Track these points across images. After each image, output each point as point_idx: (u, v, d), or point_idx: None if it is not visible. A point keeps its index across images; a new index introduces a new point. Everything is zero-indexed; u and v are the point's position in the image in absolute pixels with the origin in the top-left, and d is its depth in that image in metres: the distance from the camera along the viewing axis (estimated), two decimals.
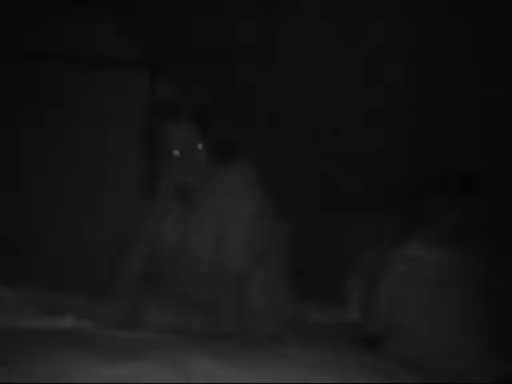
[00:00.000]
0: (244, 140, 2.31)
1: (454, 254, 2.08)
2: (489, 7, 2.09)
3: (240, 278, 2.15)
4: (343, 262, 2.39)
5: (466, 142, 2.58)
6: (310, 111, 2.87)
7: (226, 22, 2.89)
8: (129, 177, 3.88)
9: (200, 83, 3.44)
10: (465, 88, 2.42)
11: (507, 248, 2.13)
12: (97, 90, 3.73)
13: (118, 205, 3.89)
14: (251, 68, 3.03)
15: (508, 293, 1.99)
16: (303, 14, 2.50)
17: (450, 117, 2.53)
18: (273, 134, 2.61)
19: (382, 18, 2.32)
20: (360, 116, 2.73)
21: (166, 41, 3.53)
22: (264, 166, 2.35)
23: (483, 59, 2.29)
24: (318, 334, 2.11)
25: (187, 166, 2.23)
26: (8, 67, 3.53)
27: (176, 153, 2.24)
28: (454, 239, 2.18)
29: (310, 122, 2.95)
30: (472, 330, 1.90)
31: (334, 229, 2.22)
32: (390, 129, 2.72)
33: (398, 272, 2.09)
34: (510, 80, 2.28)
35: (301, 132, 2.88)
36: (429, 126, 2.60)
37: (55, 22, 3.61)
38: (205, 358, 1.34)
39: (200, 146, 2.22)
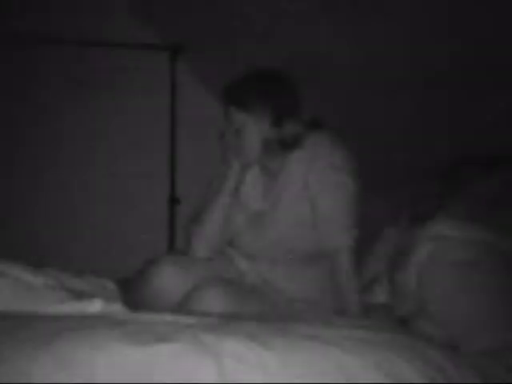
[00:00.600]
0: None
1: (484, 231, 2.05)
2: None
3: (353, 255, 2.11)
4: (366, 241, 2.35)
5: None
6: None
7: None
8: (156, 152, 3.92)
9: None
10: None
11: None
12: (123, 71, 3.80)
13: (145, 184, 3.92)
14: None
15: None
16: None
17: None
18: None
19: None
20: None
21: (185, 24, 3.53)
22: None
23: None
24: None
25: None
26: (38, 52, 3.62)
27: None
28: (483, 215, 2.15)
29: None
30: (505, 310, 1.87)
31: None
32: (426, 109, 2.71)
33: (428, 251, 2.06)
34: None
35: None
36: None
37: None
38: (235, 341, 1.32)
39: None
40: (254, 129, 2.12)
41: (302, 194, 2.14)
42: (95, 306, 1.59)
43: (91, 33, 3.82)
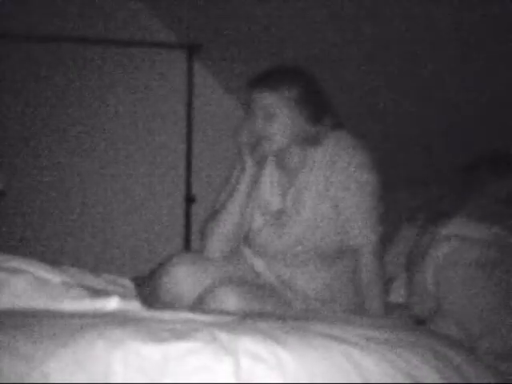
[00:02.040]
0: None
1: (502, 230, 2.03)
2: None
3: (378, 253, 2.09)
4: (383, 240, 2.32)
5: None
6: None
7: None
8: (172, 150, 3.94)
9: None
10: None
11: None
12: (141, 69, 3.83)
13: (161, 183, 3.94)
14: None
15: None
16: None
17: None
18: None
19: None
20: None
21: (202, 23, 3.54)
22: None
23: None
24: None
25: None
26: (53, 49, 3.66)
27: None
28: (501, 214, 2.13)
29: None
30: None
31: None
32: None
33: (445, 251, 2.05)
34: None
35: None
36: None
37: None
38: (252, 339, 1.32)
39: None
40: (289, 116, 2.08)
41: (324, 193, 2.11)
42: (112, 304, 1.59)
43: (109, 31, 3.84)
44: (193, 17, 3.60)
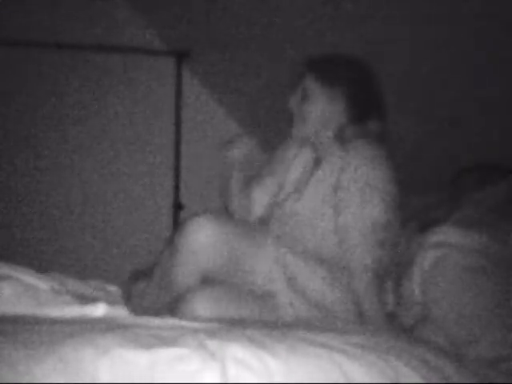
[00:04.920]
0: None
1: (490, 238, 2.04)
2: None
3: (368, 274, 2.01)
4: None
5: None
6: None
7: None
8: (160, 157, 3.94)
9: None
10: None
11: None
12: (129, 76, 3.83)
13: (149, 190, 3.93)
14: None
15: None
16: None
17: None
18: None
19: None
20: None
21: (190, 30, 3.54)
22: None
23: None
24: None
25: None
26: (44, 55, 3.65)
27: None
28: (488, 222, 2.14)
29: None
30: (508, 318, 1.87)
31: None
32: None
33: (432, 259, 2.05)
34: None
35: None
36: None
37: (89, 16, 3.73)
38: (240, 346, 1.32)
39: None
40: (322, 101, 2.08)
41: (331, 199, 2.05)
42: (99, 310, 1.59)
43: (98, 38, 3.83)
44: (181, 24, 3.60)
